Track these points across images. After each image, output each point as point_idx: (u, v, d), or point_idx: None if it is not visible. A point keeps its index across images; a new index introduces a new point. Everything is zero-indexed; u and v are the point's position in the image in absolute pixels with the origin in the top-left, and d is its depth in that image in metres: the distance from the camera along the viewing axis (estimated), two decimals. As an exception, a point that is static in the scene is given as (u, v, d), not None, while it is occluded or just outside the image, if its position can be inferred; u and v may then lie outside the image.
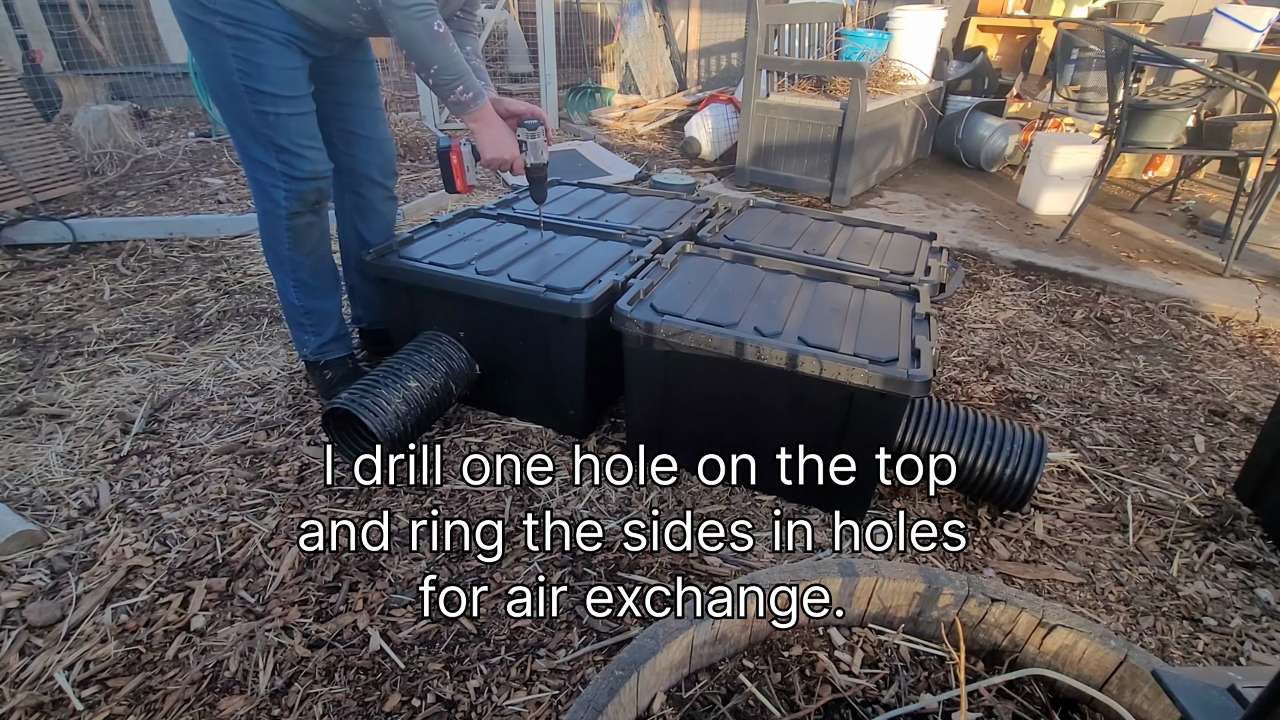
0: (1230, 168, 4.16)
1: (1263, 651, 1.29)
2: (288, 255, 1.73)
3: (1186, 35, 4.33)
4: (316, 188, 1.67)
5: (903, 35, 4.06)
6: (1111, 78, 3.01)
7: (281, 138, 1.57)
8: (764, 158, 3.87)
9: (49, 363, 2.09)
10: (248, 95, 1.51)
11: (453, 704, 1.15)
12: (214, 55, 1.48)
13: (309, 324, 1.85)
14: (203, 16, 1.43)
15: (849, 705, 1.02)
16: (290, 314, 1.86)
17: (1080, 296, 2.75)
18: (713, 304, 1.57)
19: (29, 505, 1.55)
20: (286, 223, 1.67)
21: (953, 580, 1.10)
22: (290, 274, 1.77)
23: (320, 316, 1.86)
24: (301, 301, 1.82)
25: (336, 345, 1.91)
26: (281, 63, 1.50)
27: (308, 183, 1.64)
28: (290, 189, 1.63)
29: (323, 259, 1.81)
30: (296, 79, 1.55)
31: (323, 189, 1.69)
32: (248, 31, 1.44)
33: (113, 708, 1.13)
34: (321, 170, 1.66)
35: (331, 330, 1.89)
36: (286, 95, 1.54)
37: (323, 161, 1.66)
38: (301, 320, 1.85)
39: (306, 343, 1.88)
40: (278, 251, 1.74)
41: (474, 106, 1.56)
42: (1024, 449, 1.49)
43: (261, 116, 1.54)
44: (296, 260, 1.74)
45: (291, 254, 1.73)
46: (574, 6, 7.01)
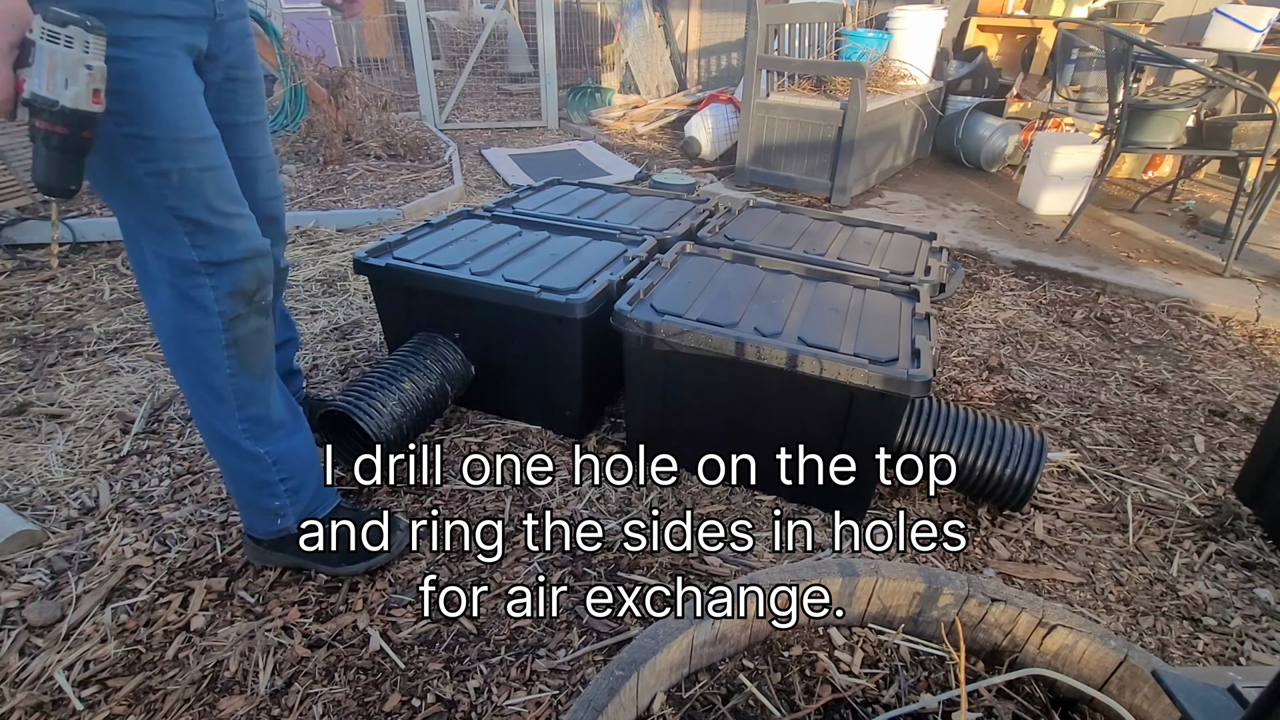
0: (1230, 168, 4.16)
1: (1263, 651, 1.29)
2: (229, 386, 1.17)
3: (1186, 35, 4.33)
4: (256, 271, 1.14)
5: (903, 35, 4.05)
6: (1111, 78, 3.01)
7: (195, 207, 1.04)
8: (764, 158, 3.87)
9: (49, 363, 2.09)
10: (132, 152, 0.98)
11: (453, 704, 1.15)
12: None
13: (280, 479, 1.28)
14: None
15: (849, 705, 1.02)
16: (246, 476, 1.27)
17: (1080, 296, 2.75)
18: (713, 304, 1.57)
19: (29, 505, 1.55)
20: (224, 336, 1.13)
21: (953, 580, 1.10)
22: (236, 413, 1.20)
23: (294, 464, 1.29)
24: (264, 447, 1.24)
25: (326, 494, 1.39)
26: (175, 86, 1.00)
27: (243, 265, 1.12)
28: (220, 282, 1.10)
29: (275, 381, 1.27)
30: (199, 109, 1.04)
31: (263, 271, 1.16)
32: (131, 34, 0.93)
33: (113, 708, 1.13)
34: (259, 246, 1.14)
35: (315, 477, 1.35)
36: (190, 138, 1.02)
37: (256, 233, 1.14)
38: (267, 478, 1.27)
39: (284, 512, 1.30)
40: (212, 385, 1.17)
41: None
42: (1024, 449, 1.49)
43: (161, 180, 1.01)
44: (244, 390, 1.19)
45: (235, 382, 1.17)
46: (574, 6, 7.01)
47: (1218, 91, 3.13)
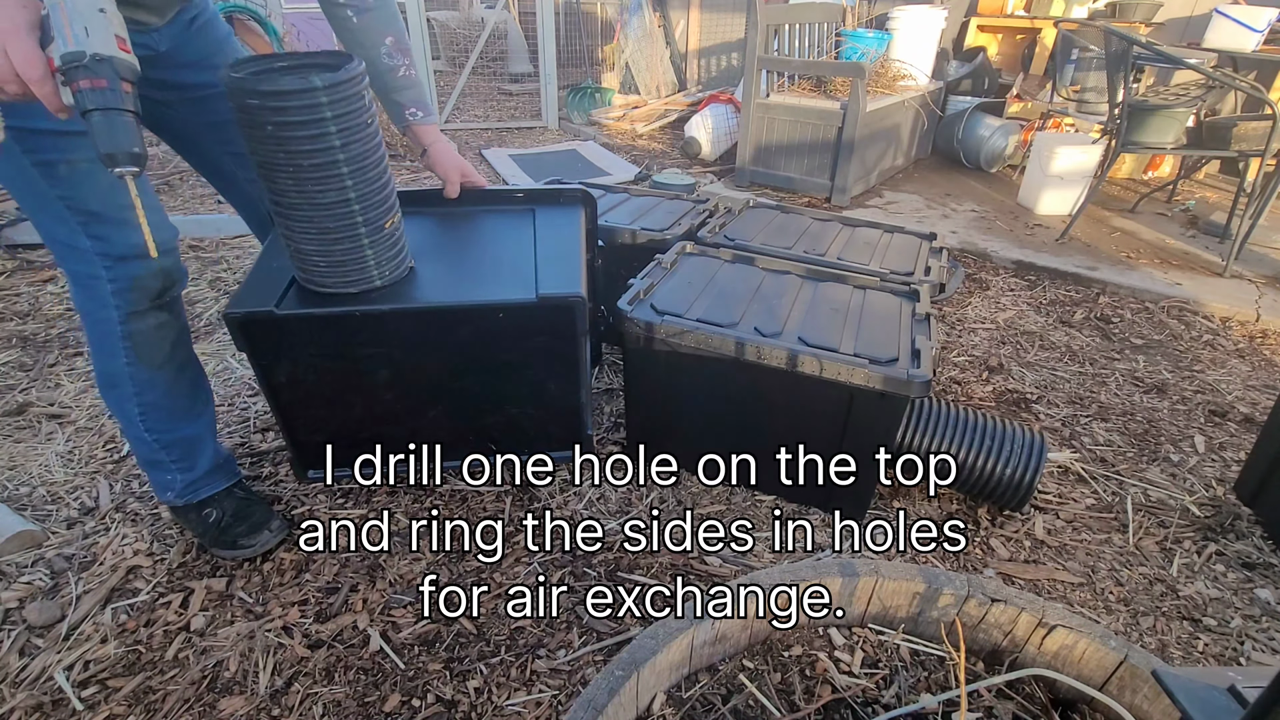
0: (1230, 168, 4.16)
1: (1263, 651, 1.29)
2: (127, 374, 1.21)
3: (1186, 35, 4.33)
4: (160, 269, 1.15)
5: (902, 35, 4.05)
6: (1111, 78, 3.01)
7: (87, 198, 1.04)
8: (764, 158, 3.87)
9: (49, 363, 2.09)
10: (18, 141, 0.99)
11: (453, 704, 1.15)
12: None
13: (171, 461, 1.34)
14: None
15: (849, 705, 1.02)
16: (141, 451, 1.34)
17: (1080, 296, 2.75)
18: (713, 304, 1.57)
19: (29, 505, 1.55)
20: (120, 329, 1.16)
21: (953, 580, 1.10)
22: (134, 398, 1.25)
23: (186, 448, 1.35)
24: (155, 434, 1.30)
25: (216, 476, 1.41)
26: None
27: (138, 262, 1.12)
28: (118, 277, 1.11)
29: (183, 367, 1.30)
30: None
31: (170, 271, 1.17)
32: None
33: (113, 708, 1.13)
34: (161, 241, 1.12)
35: (206, 460, 1.38)
36: (74, 132, 0.99)
37: (161, 226, 1.13)
38: (158, 458, 1.33)
39: (171, 484, 1.36)
40: (111, 372, 1.22)
41: None
42: (1024, 449, 1.49)
43: (47, 170, 1.01)
44: (141, 379, 1.23)
45: (132, 371, 1.21)
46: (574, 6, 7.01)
47: (1218, 92, 3.13)
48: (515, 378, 1.44)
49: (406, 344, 1.33)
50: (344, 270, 1.23)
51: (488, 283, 1.35)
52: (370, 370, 1.35)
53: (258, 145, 1.10)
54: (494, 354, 1.39)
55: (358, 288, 1.26)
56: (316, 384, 1.34)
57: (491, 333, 1.34)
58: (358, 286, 1.26)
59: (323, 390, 1.36)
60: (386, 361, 1.35)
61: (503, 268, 1.40)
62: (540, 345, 1.38)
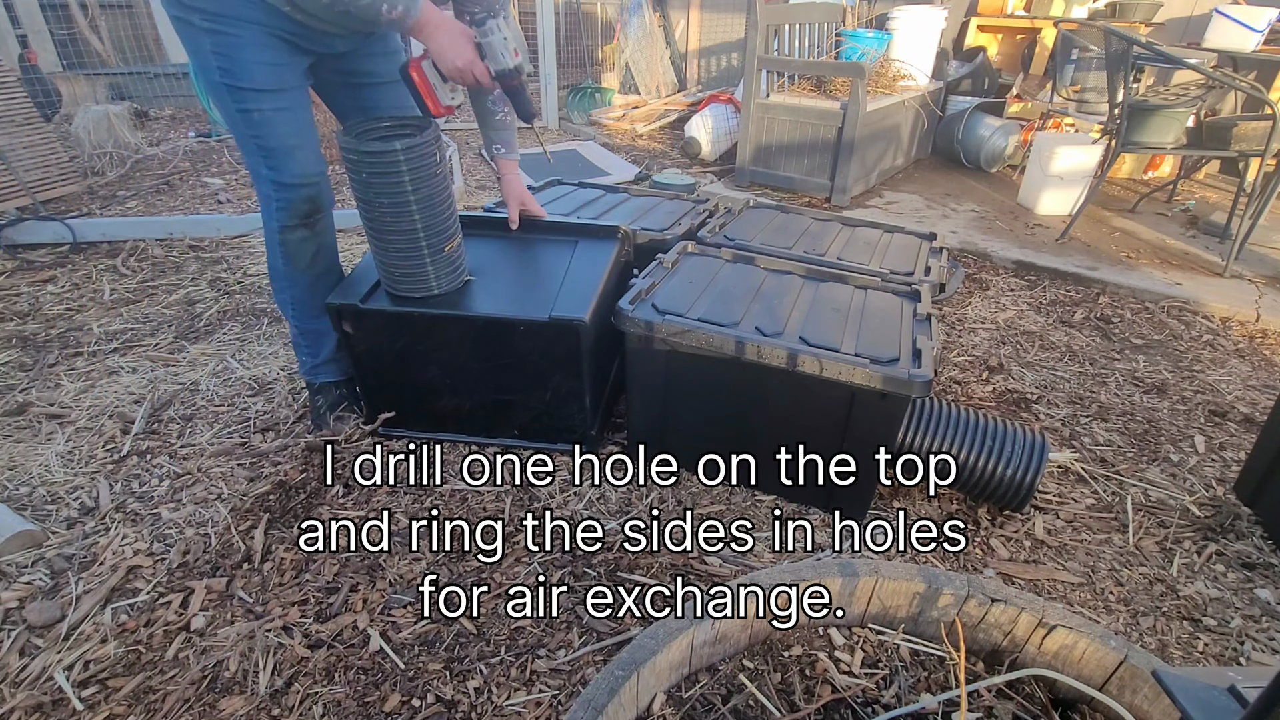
0: (1230, 168, 4.16)
1: (1263, 651, 1.29)
2: (283, 270, 1.66)
3: (1186, 35, 4.33)
4: (308, 196, 1.57)
5: (902, 35, 4.05)
6: (1111, 78, 3.01)
7: (268, 138, 1.47)
8: (764, 158, 3.87)
9: (49, 363, 2.09)
10: (229, 94, 1.42)
11: (453, 704, 1.15)
12: (198, 54, 1.40)
13: (304, 344, 1.78)
14: (182, 14, 1.36)
15: (849, 705, 1.02)
16: (291, 332, 1.81)
17: (1080, 296, 2.75)
18: (714, 303, 1.57)
19: (29, 505, 1.55)
20: (279, 236, 1.60)
21: (953, 580, 1.10)
22: (287, 290, 1.69)
23: (314, 337, 1.77)
24: (297, 321, 1.74)
25: (330, 368, 1.82)
26: (261, 56, 1.40)
27: (297, 189, 1.54)
28: (281, 198, 1.54)
29: (321, 276, 1.71)
30: (281, 74, 1.45)
31: (316, 198, 1.59)
32: (224, 25, 1.36)
33: (113, 708, 1.13)
34: (311, 172, 1.55)
35: (326, 351, 1.80)
36: (269, 89, 1.44)
37: (313, 163, 1.55)
38: (298, 340, 1.79)
39: (302, 363, 1.82)
40: (275, 266, 1.68)
41: (410, 18, 1.37)
42: (1024, 449, 1.49)
43: (245, 116, 1.44)
44: (292, 277, 1.67)
45: (286, 269, 1.65)
46: (574, 6, 7.00)
47: (1218, 92, 3.13)
48: (532, 378, 1.66)
49: (450, 341, 1.63)
50: (411, 279, 1.58)
51: (519, 300, 1.62)
52: (423, 356, 1.66)
53: (356, 185, 1.47)
54: (516, 357, 1.62)
55: (420, 294, 1.60)
56: (384, 358, 1.68)
57: (514, 340, 1.59)
58: (420, 293, 1.59)
59: (388, 364, 1.69)
60: (435, 351, 1.65)
61: (534, 289, 1.67)
62: (551, 356, 1.60)
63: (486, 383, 1.67)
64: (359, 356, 1.67)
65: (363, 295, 1.60)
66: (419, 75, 1.50)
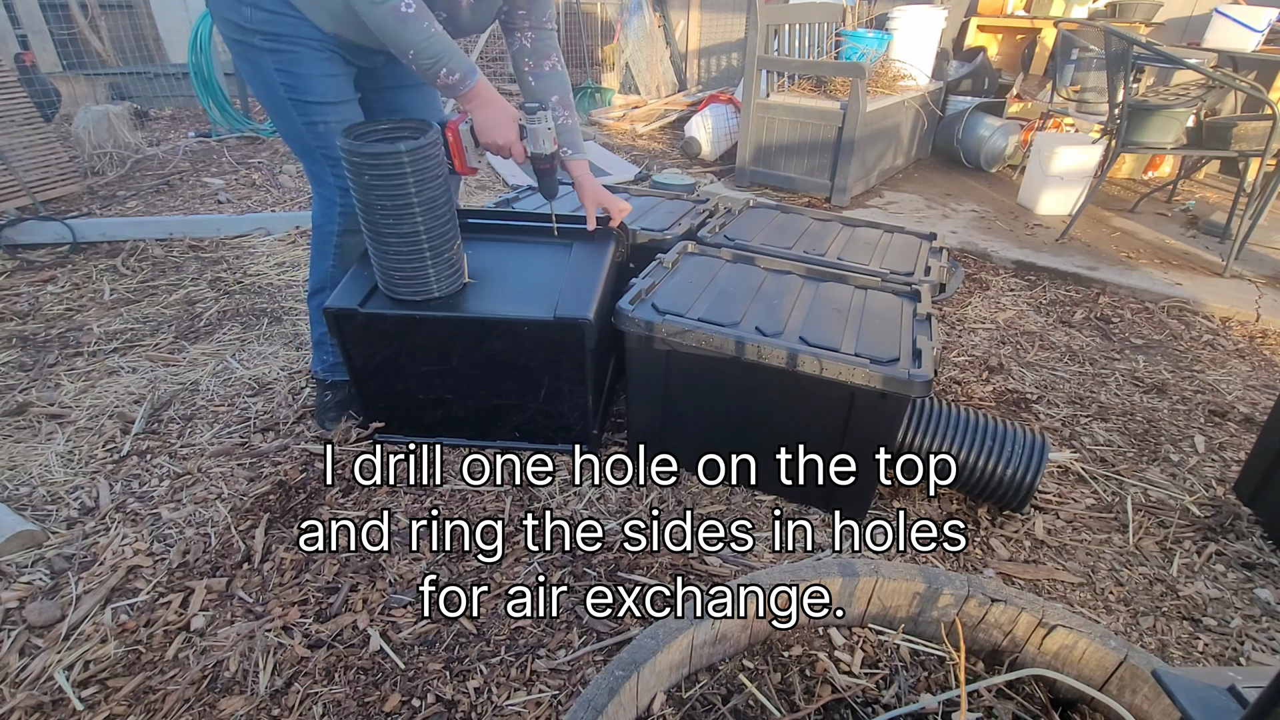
0: (1230, 168, 4.16)
1: (1263, 651, 1.29)
2: (331, 274, 1.73)
3: (1186, 35, 4.33)
4: None
5: (902, 35, 4.05)
6: (1111, 78, 3.01)
7: (334, 147, 1.54)
8: (764, 158, 3.87)
9: (49, 363, 2.09)
10: (295, 108, 1.50)
11: (453, 704, 1.15)
12: (259, 73, 1.48)
13: (330, 343, 1.81)
14: (242, 37, 1.44)
15: (849, 705, 1.02)
16: (315, 328, 1.85)
17: (1080, 296, 2.75)
18: (714, 303, 1.57)
19: (29, 505, 1.55)
20: (337, 240, 1.68)
21: (953, 580, 1.10)
22: (330, 292, 1.71)
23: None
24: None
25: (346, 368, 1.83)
26: (322, 70, 1.49)
27: None
28: (345, 204, 1.61)
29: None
30: (341, 85, 1.54)
31: None
32: (285, 44, 1.44)
33: (113, 708, 1.13)
34: None
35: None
36: (332, 102, 1.52)
37: None
38: (322, 340, 1.82)
39: (322, 362, 1.86)
40: (322, 271, 1.74)
41: (463, 87, 1.45)
42: (1025, 449, 1.49)
43: (311, 128, 1.53)
44: (335, 278, 1.72)
45: (334, 273, 1.72)
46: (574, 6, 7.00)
47: (1218, 92, 3.13)
48: (534, 379, 1.65)
49: (451, 343, 1.61)
50: (411, 282, 1.56)
51: (520, 300, 1.61)
52: (423, 359, 1.64)
53: (357, 187, 1.45)
54: (518, 358, 1.61)
55: (420, 297, 1.57)
56: (382, 362, 1.66)
57: (517, 341, 1.58)
58: (420, 296, 1.57)
59: (385, 368, 1.67)
60: (435, 354, 1.63)
61: (535, 289, 1.65)
62: (554, 355, 1.59)
63: (487, 384, 1.66)
64: (356, 361, 1.65)
65: (360, 299, 1.59)
66: (454, 136, 1.55)
